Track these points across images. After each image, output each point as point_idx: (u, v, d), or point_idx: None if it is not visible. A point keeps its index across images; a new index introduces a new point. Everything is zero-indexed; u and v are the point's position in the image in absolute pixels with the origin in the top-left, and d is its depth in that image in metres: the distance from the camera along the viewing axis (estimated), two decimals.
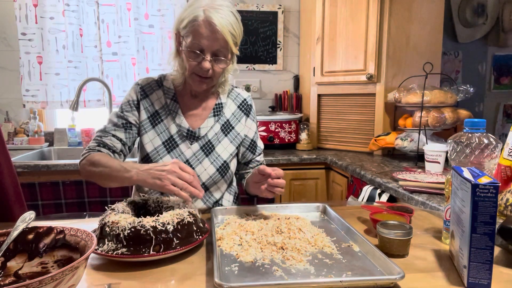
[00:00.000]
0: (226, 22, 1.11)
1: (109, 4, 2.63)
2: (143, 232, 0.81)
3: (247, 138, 1.37)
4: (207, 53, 1.14)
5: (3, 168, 1.22)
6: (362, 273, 0.75)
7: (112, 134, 1.23)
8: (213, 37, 1.11)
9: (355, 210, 1.21)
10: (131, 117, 1.25)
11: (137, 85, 1.29)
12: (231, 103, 1.36)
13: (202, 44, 1.12)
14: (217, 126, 1.30)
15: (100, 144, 1.21)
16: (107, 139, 1.22)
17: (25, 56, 2.55)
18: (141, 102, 1.27)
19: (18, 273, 0.69)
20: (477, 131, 0.92)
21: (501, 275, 0.76)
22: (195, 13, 1.11)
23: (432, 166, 1.73)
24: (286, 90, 2.92)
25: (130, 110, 1.26)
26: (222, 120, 1.32)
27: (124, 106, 1.27)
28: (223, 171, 1.29)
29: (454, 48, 3.20)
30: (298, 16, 2.94)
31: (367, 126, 2.38)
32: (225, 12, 1.12)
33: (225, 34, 1.11)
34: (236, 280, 0.72)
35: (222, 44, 1.13)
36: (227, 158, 1.30)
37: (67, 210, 2.11)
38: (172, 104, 1.28)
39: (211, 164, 1.27)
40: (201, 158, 1.27)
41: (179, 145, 1.26)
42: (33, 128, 2.61)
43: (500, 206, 1.04)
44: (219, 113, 1.32)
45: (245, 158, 1.38)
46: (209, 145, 1.28)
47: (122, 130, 1.24)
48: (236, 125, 1.34)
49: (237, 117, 1.35)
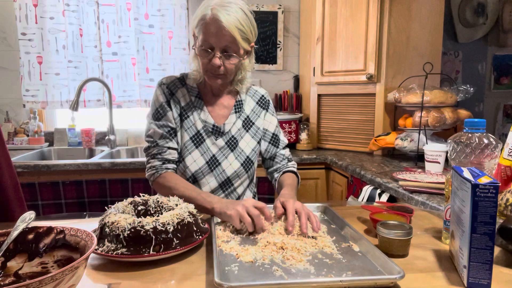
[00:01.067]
0: (232, 19, 1.13)
1: (109, 4, 2.63)
2: (143, 233, 0.81)
3: (268, 132, 1.40)
4: (216, 50, 1.17)
5: (3, 168, 1.22)
6: (362, 273, 0.75)
7: (167, 147, 1.27)
8: (220, 33, 1.14)
9: (355, 210, 1.21)
10: (170, 121, 1.29)
11: (163, 85, 1.32)
12: (250, 100, 1.40)
13: (211, 42, 1.16)
14: (239, 122, 1.34)
15: (165, 162, 1.26)
16: (167, 154, 1.27)
17: (25, 56, 2.55)
18: (170, 101, 1.31)
19: (18, 273, 0.69)
20: (477, 131, 0.92)
21: (501, 275, 0.76)
22: (204, 12, 1.15)
23: (432, 166, 1.73)
24: (286, 90, 2.92)
25: (166, 114, 1.29)
26: (243, 116, 1.36)
27: (160, 111, 1.29)
28: (247, 166, 1.33)
29: (454, 48, 3.20)
30: (298, 16, 2.94)
31: (367, 126, 2.38)
32: (233, 9, 1.14)
33: (231, 30, 1.13)
34: (236, 280, 0.72)
35: (230, 40, 1.15)
36: (249, 153, 1.34)
37: (67, 210, 2.11)
38: (196, 101, 1.32)
39: (236, 159, 1.31)
40: (227, 153, 1.31)
41: (205, 140, 1.30)
42: (33, 128, 2.61)
43: (500, 206, 1.04)
44: (240, 109, 1.36)
45: (270, 153, 1.41)
46: (233, 140, 1.32)
47: (172, 140, 1.28)
48: (256, 120, 1.38)
49: (257, 112, 1.39)
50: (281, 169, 1.40)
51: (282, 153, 1.42)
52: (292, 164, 1.43)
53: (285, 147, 1.44)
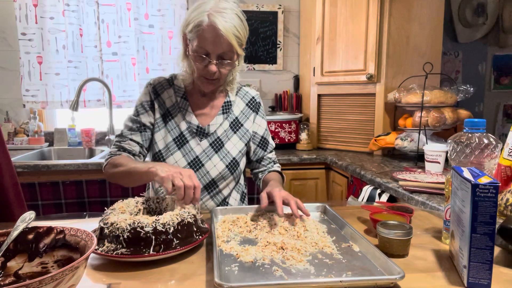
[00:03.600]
0: (230, 26, 1.12)
1: (109, 4, 2.63)
2: (143, 235, 0.81)
3: (257, 135, 1.39)
4: (212, 57, 1.16)
5: (3, 168, 1.22)
6: (362, 273, 0.75)
7: (129, 138, 1.28)
8: (218, 41, 1.13)
9: (355, 210, 1.21)
10: (145, 119, 1.29)
11: (150, 85, 1.33)
12: (239, 101, 1.38)
13: (207, 49, 1.15)
14: (226, 124, 1.33)
15: (120, 149, 1.27)
16: (125, 143, 1.27)
17: (25, 56, 2.55)
18: (154, 101, 1.31)
19: (18, 273, 0.69)
20: (477, 131, 0.92)
21: (501, 275, 0.76)
22: (199, 18, 1.13)
23: (432, 166, 1.73)
24: (286, 90, 2.92)
25: (145, 112, 1.30)
26: (231, 117, 1.35)
27: (138, 109, 1.31)
28: (232, 168, 1.32)
29: (454, 48, 3.20)
30: (298, 16, 2.94)
31: (367, 126, 2.38)
32: (229, 15, 1.13)
33: (229, 38, 1.12)
34: (236, 280, 0.72)
35: (227, 48, 1.15)
36: (236, 155, 1.32)
37: (67, 210, 2.11)
38: (182, 102, 1.31)
39: (221, 161, 1.30)
40: (211, 154, 1.29)
41: (189, 141, 1.29)
42: (33, 128, 2.61)
43: (500, 206, 1.04)
44: (228, 110, 1.35)
45: (257, 156, 1.40)
46: (218, 141, 1.31)
47: (138, 134, 1.28)
48: (245, 122, 1.37)
49: (246, 114, 1.38)
50: (266, 171, 1.40)
51: (270, 156, 1.42)
52: (277, 166, 1.44)
53: (273, 150, 1.44)
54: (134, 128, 1.28)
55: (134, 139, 1.27)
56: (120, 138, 1.29)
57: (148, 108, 1.30)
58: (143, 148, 1.29)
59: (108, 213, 0.89)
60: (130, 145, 1.27)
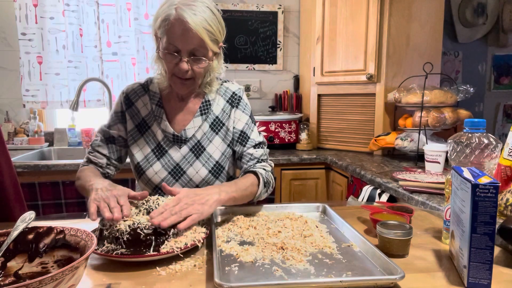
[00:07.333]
0: (200, 19, 1.04)
1: (109, 4, 2.63)
2: (143, 238, 0.81)
3: (235, 129, 1.26)
4: (183, 54, 1.08)
5: (3, 168, 1.22)
6: (362, 273, 0.75)
7: (96, 150, 1.26)
8: (187, 36, 1.05)
9: (355, 210, 1.21)
10: (114, 131, 1.25)
11: (122, 94, 1.28)
12: (219, 98, 1.28)
13: (177, 45, 1.07)
14: (205, 125, 1.25)
15: (88, 161, 1.26)
16: (92, 155, 1.26)
17: (25, 56, 2.55)
18: (126, 112, 1.25)
19: (18, 273, 0.69)
20: (477, 131, 0.92)
21: (501, 275, 0.76)
22: (167, 12, 1.05)
23: (432, 166, 1.73)
24: (286, 90, 2.92)
25: (114, 123, 1.26)
26: (211, 118, 1.25)
27: (109, 119, 1.28)
28: (216, 172, 1.24)
29: (454, 48, 3.20)
30: (298, 16, 2.94)
31: (367, 126, 2.38)
32: (199, 8, 1.05)
33: (199, 32, 1.04)
34: (236, 280, 0.72)
35: (197, 43, 1.07)
36: (219, 158, 1.25)
37: (67, 210, 2.11)
38: (157, 109, 1.24)
39: (203, 166, 1.23)
40: (192, 160, 1.23)
41: (167, 151, 1.23)
42: (33, 128, 2.61)
43: (500, 206, 1.04)
44: (207, 111, 1.25)
45: (237, 153, 1.27)
46: (198, 146, 1.24)
47: (104, 146, 1.25)
48: (226, 120, 1.27)
49: (226, 112, 1.27)
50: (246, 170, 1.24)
51: (250, 152, 1.24)
52: (261, 165, 1.24)
53: (257, 146, 1.26)
54: (102, 139, 1.25)
55: (100, 151, 1.24)
56: (89, 149, 1.27)
57: (118, 120, 1.25)
58: (111, 160, 1.25)
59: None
60: (96, 158, 1.24)
